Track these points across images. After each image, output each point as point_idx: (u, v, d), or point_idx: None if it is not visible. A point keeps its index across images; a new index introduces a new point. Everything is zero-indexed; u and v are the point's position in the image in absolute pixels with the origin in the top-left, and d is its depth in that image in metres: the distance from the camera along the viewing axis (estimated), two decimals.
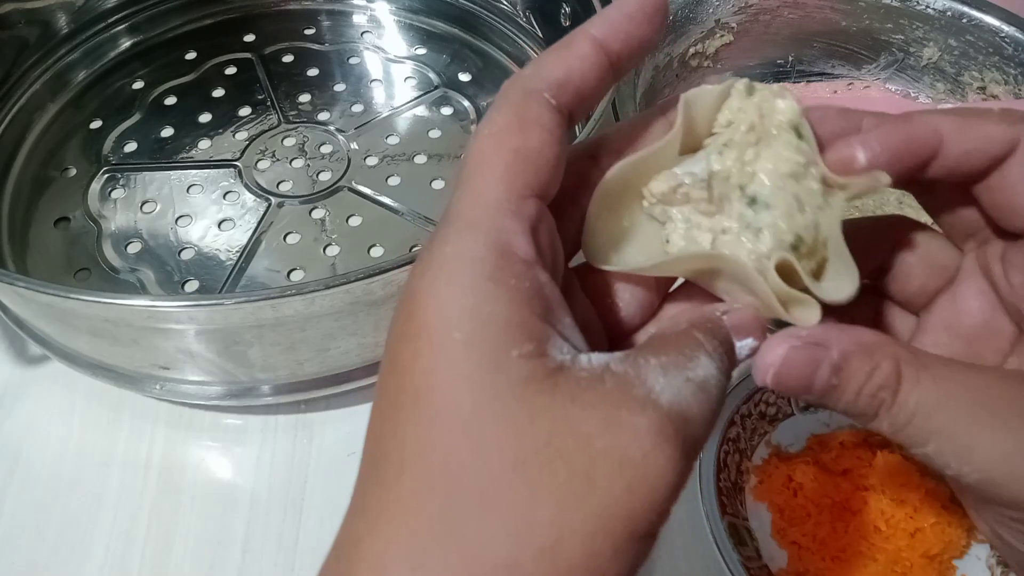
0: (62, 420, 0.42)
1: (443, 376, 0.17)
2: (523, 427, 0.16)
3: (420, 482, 0.16)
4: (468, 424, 0.16)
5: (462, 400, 0.16)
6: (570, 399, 0.17)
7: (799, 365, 0.19)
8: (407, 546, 0.16)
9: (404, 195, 0.48)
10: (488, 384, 0.16)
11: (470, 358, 0.17)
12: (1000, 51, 0.48)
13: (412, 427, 0.17)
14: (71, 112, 0.54)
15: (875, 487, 0.36)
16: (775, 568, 0.35)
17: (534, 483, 0.16)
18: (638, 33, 0.19)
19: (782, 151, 0.20)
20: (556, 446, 0.16)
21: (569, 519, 0.16)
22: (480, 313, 0.17)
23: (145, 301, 0.33)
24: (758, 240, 0.20)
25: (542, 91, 0.19)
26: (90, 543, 0.38)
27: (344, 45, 0.58)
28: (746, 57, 0.53)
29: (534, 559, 0.15)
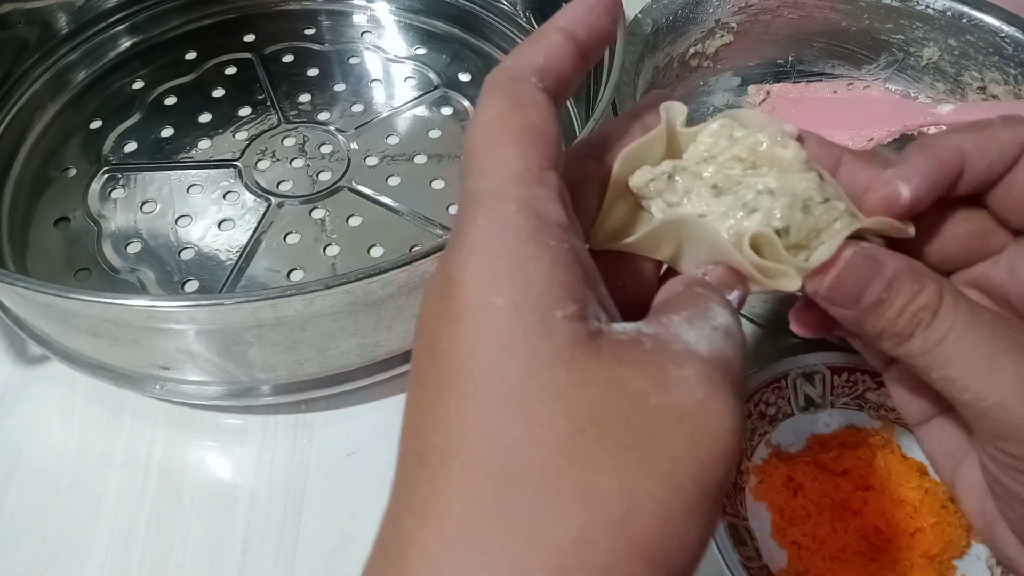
0: (62, 420, 0.42)
1: (486, 351, 0.16)
2: (575, 394, 0.15)
3: (470, 468, 0.15)
4: (517, 398, 0.15)
5: (508, 374, 0.16)
6: (616, 361, 0.16)
7: (858, 271, 0.20)
8: (464, 536, 0.15)
9: (404, 195, 0.48)
10: (534, 353, 0.16)
11: (513, 326, 0.16)
12: (1000, 51, 0.47)
13: (456, 412, 0.16)
14: (71, 112, 0.54)
15: (875, 487, 0.36)
16: (775, 568, 0.35)
17: (594, 452, 0.15)
18: (599, 23, 0.21)
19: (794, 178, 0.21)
20: (612, 409, 0.15)
21: (638, 484, 0.15)
22: (522, 276, 0.16)
23: (145, 301, 0.33)
24: (747, 218, 0.21)
25: (528, 76, 0.19)
26: (90, 543, 0.38)
27: (344, 45, 0.58)
28: (746, 57, 0.53)
29: (606, 533, 0.15)
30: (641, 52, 0.47)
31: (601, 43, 0.21)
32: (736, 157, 0.22)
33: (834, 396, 0.39)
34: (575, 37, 0.20)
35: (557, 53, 0.20)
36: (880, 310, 0.20)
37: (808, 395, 0.39)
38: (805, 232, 0.20)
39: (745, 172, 0.21)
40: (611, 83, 0.40)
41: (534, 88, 0.19)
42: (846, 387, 0.39)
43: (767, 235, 0.20)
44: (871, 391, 0.38)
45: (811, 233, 0.20)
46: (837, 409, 0.39)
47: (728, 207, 0.21)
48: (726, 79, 0.54)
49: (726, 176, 0.21)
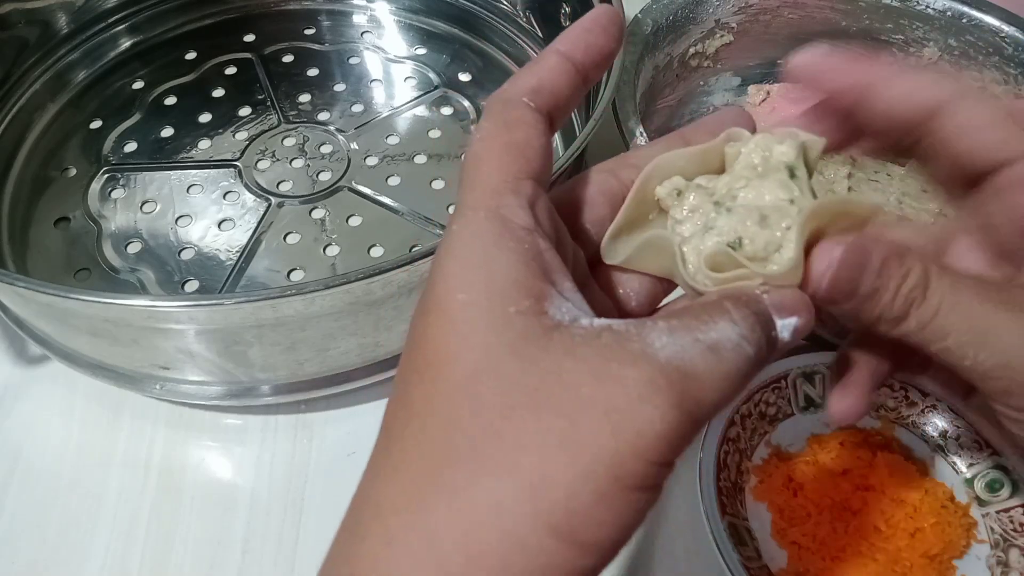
0: (62, 420, 0.42)
1: (449, 341, 0.18)
2: (515, 379, 0.17)
3: (421, 438, 0.18)
4: (467, 381, 0.18)
5: (465, 360, 0.18)
6: (563, 353, 0.18)
7: (852, 265, 0.21)
8: (401, 493, 0.18)
9: (404, 195, 0.48)
10: (486, 343, 0.18)
11: (472, 318, 0.18)
12: (1000, 51, 0.47)
13: (419, 393, 0.18)
14: (71, 112, 0.54)
15: (875, 487, 0.36)
16: (775, 568, 0.35)
17: (520, 430, 0.17)
18: (597, 43, 0.22)
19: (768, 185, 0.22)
20: (543, 394, 0.17)
21: (553, 462, 0.17)
22: (482, 274, 0.18)
23: (145, 301, 0.33)
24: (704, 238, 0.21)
25: (520, 97, 0.21)
26: (90, 543, 0.38)
27: (344, 45, 0.58)
28: (746, 57, 0.53)
29: (517, 501, 0.17)
30: (641, 52, 0.47)
31: (600, 61, 0.23)
32: (751, 167, 0.22)
33: None
34: (571, 58, 0.22)
35: (551, 74, 0.22)
36: (875, 298, 0.21)
37: (808, 395, 0.39)
38: (762, 243, 0.21)
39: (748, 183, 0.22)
40: (611, 83, 0.40)
41: (523, 108, 0.21)
42: None
43: (724, 252, 0.21)
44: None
45: (770, 244, 0.21)
46: None
47: (692, 229, 0.22)
48: (726, 79, 0.54)
49: (728, 191, 0.22)
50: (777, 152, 0.22)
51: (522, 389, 0.17)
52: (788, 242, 0.21)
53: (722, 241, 0.21)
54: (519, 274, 0.18)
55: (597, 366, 0.17)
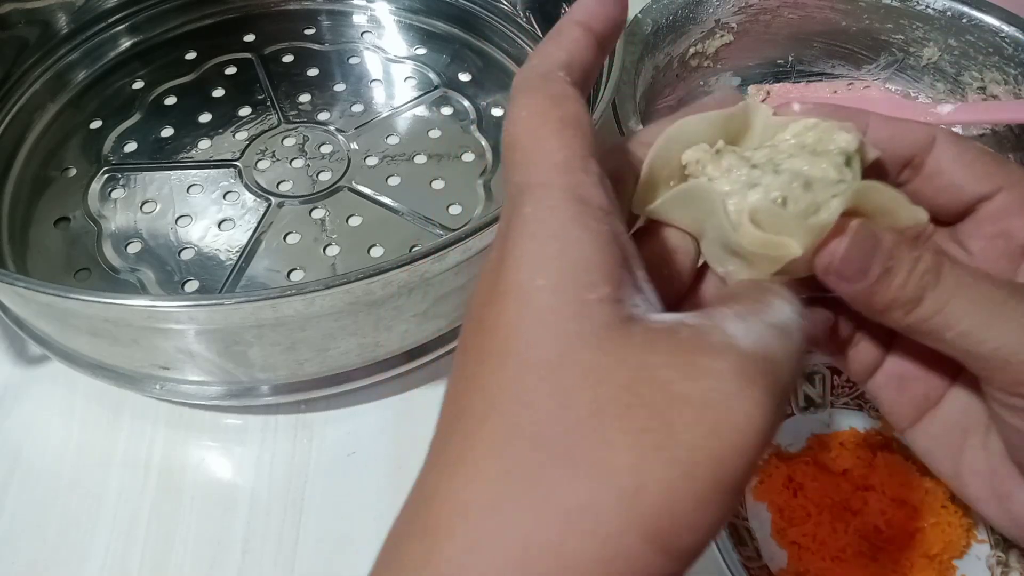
0: (62, 420, 0.42)
1: (527, 327, 0.17)
2: (602, 374, 0.16)
3: (501, 431, 0.17)
4: (550, 372, 0.17)
5: (546, 349, 0.17)
6: (647, 347, 0.17)
7: (864, 242, 0.20)
8: (486, 491, 0.16)
9: (404, 195, 0.48)
10: (570, 331, 0.17)
11: (552, 305, 0.17)
12: (1000, 51, 0.48)
13: (496, 380, 0.17)
14: (71, 112, 0.54)
15: (875, 487, 0.36)
16: (775, 568, 0.35)
17: (612, 430, 0.16)
18: (612, 13, 0.22)
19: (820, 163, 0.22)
20: (634, 392, 0.16)
21: (650, 465, 0.16)
22: (564, 258, 0.17)
23: (145, 301, 0.33)
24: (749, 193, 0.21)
25: (556, 72, 0.20)
26: (90, 543, 0.38)
27: (344, 45, 0.58)
28: (746, 57, 0.53)
29: (613, 503, 0.15)
30: (641, 52, 0.47)
31: (616, 31, 0.22)
32: (802, 145, 0.22)
33: (834, 396, 0.39)
34: (592, 29, 0.21)
35: (578, 47, 0.21)
36: (888, 279, 0.21)
37: (808, 395, 0.39)
38: (804, 204, 0.21)
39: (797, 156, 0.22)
40: (611, 83, 0.40)
41: (564, 83, 0.20)
42: (846, 387, 0.39)
43: (766, 207, 0.21)
44: None
45: (810, 207, 0.21)
46: (837, 409, 0.39)
47: (733, 184, 0.21)
48: (726, 79, 0.54)
49: (769, 161, 0.22)
50: (841, 139, 0.22)
51: (611, 385, 0.16)
52: (829, 207, 0.21)
53: (767, 197, 0.21)
54: (600, 258, 0.17)
55: (684, 361, 0.17)
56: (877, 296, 0.21)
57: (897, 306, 0.21)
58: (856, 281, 0.21)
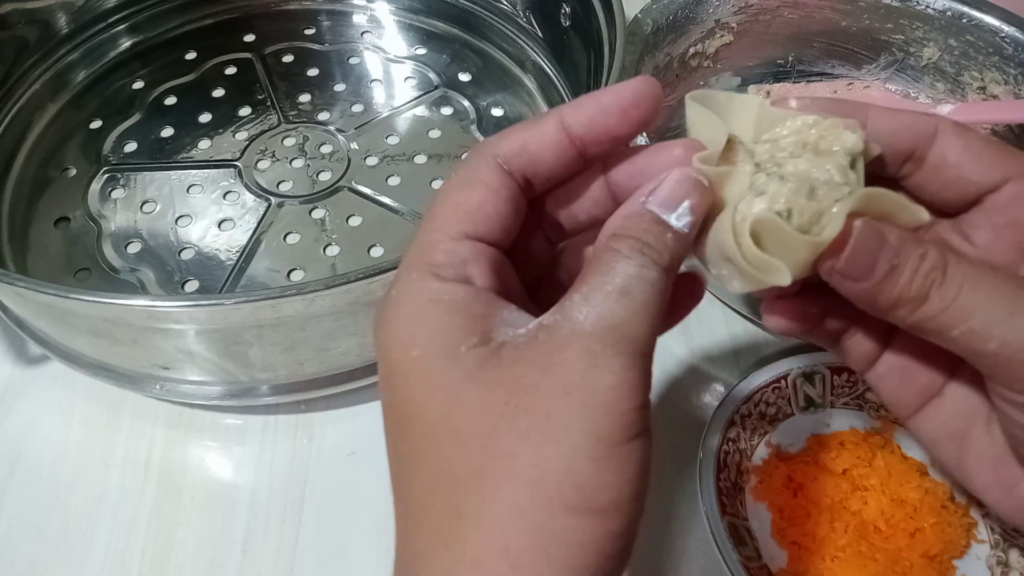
0: (62, 420, 0.42)
1: (416, 394, 0.20)
2: (485, 400, 0.19)
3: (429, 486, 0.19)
4: (443, 421, 0.19)
5: (433, 405, 0.19)
6: (516, 363, 0.19)
7: (869, 241, 0.21)
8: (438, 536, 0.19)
9: (404, 195, 0.48)
10: (449, 382, 0.19)
11: (431, 367, 0.19)
12: (1000, 51, 0.47)
13: (407, 448, 0.20)
14: (71, 112, 0.54)
15: (875, 487, 0.36)
16: (775, 568, 0.35)
17: (506, 442, 0.18)
18: (609, 124, 0.21)
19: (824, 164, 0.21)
20: (514, 404, 0.19)
21: (543, 453, 0.18)
22: (428, 329, 0.20)
23: (145, 301, 0.33)
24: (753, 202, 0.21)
25: (495, 156, 0.21)
26: (90, 543, 0.38)
27: (344, 45, 0.58)
28: (746, 57, 0.53)
29: (529, 498, 0.18)
30: (641, 52, 0.47)
31: (608, 144, 0.22)
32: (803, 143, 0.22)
33: (834, 396, 0.39)
34: (570, 130, 0.21)
35: (539, 142, 0.21)
36: (893, 278, 0.21)
37: (808, 395, 0.39)
38: (808, 215, 0.21)
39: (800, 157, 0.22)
40: (611, 83, 0.40)
41: (493, 168, 0.21)
42: (846, 387, 0.39)
43: (770, 220, 0.20)
44: (871, 391, 0.38)
45: (813, 217, 0.21)
46: (837, 409, 0.39)
47: (740, 188, 0.21)
48: (726, 79, 0.54)
49: (772, 158, 0.22)
50: (847, 139, 0.22)
51: (492, 408, 0.19)
52: (832, 218, 0.21)
53: (772, 208, 0.21)
54: (460, 319, 0.20)
55: (543, 362, 0.19)
56: (882, 295, 0.21)
57: (902, 304, 0.21)
58: (861, 280, 0.21)
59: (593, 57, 0.47)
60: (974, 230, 0.23)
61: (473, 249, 0.21)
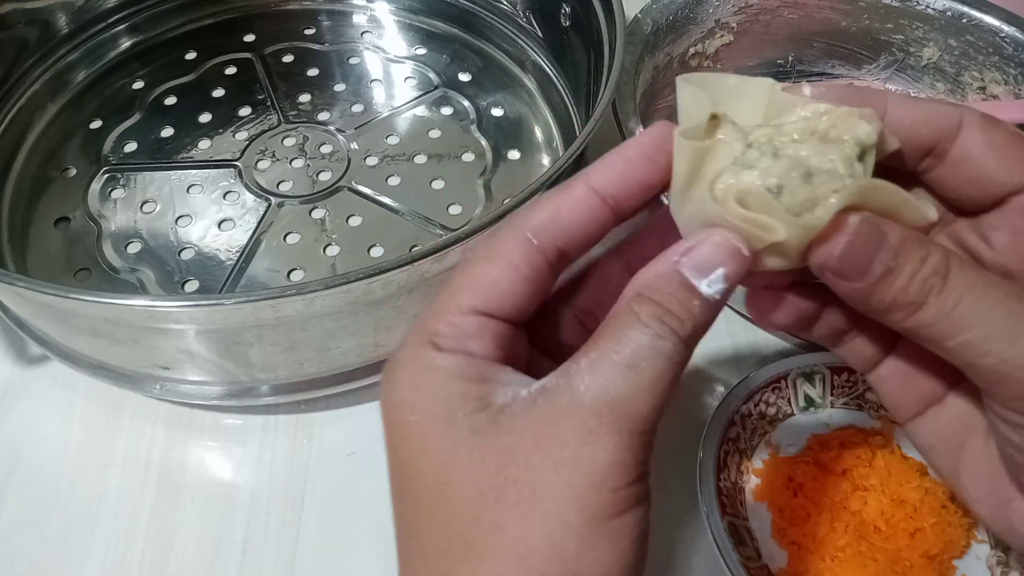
0: (62, 420, 0.42)
1: (414, 457, 0.20)
2: (476, 468, 0.19)
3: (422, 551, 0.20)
4: (436, 486, 0.19)
5: (429, 468, 0.19)
6: (508, 432, 0.19)
7: (866, 239, 0.20)
8: None
9: (404, 195, 0.48)
10: (444, 448, 0.19)
11: (428, 432, 0.20)
12: (1000, 51, 0.48)
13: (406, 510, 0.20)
14: (71, 112, 0.54)
15: (875, 487, 0.36)
16: (775, 568, 0.35)
17: (495, 513, 0.19)
18: (638, 176, 0.21)
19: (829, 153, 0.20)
20: (504, 474, 0.19)
21: (531, 528, 0.18)
22: (427, 394, 0.20)
23: (145, 301, 0.33)
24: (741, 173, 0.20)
25: (524, 230, 0.21)
26: (90, 543, 0.38)
27: (344, 45, 0.58)
28: (746, 57, 0.53)
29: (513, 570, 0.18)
30: (641, 52, 0.47)
31: (641, 196, 0.21)
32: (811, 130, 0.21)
33: (834, 396, 0.39)
34: (601, 193, 0.21)
35: (570, 209, 0.21)
36: (889, 280, 0.20)
37: (808, 395, 0.39)
38: (800, 197, 0.19)
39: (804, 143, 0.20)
40: (611, 83, 0.40)
41: (519, 242, 0.21)
42: (846, 387, 0.39)
43: (757, 193, 0.19)
44: (871, 391, 0.38)
45: (806, 203, 0.20)
46: (837, 409, 0.39)
47: (725, 161, 0.20)
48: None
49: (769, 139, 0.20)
50: (860, 129, 0.20)
51: (483, 476, 0.19)
52: (826, 206, 0.19)
53: (761, 182, 0.19)
54: (457, 387, 0.20)
55: (537, 432, 0.19)
56: (875, 297, 0.20)
57: (897, 308, 0.20)
58: (855, 280, 0.20)
59: (593, 57, 0.47)
60: (993, 232, 0.22)
61: (479, 324, 0.21)
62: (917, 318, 0.20)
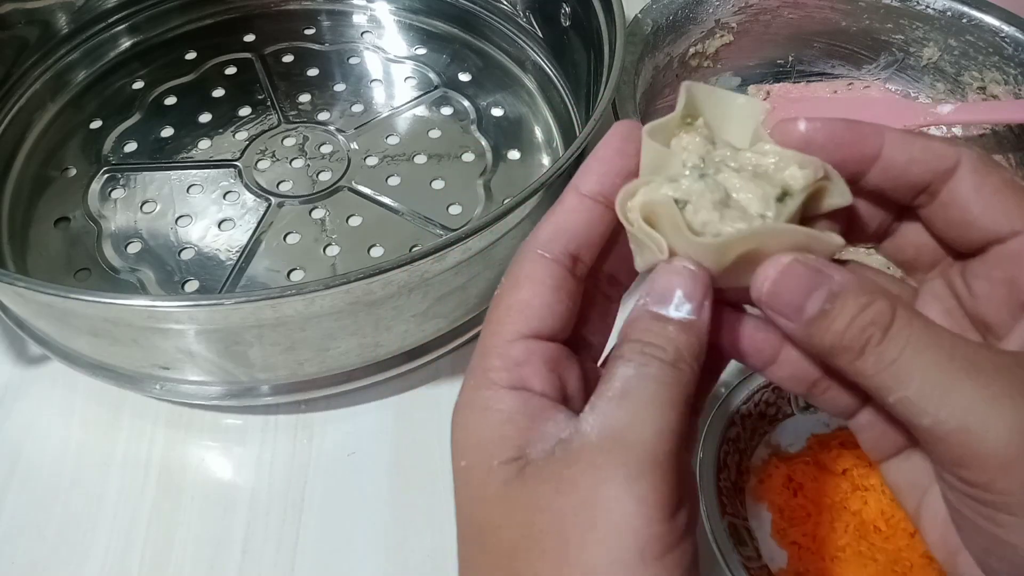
0: (62, 420, 0.42)
1: (463, 503, 0.21)
2: (508, 521, 0.19)
3: None
4: (479, 536, 0.20)
5: (472, 517, 0.20)
6: (538, 481, 0.19)
7: (798, 280, 0.20)
8: None
9: (404, 195, 0.48)
10: (483, 497, 0.20)
11: (472, 479, 0.20)
12: (1000, 51, 0.48)
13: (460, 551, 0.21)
14: (71, 112, 0.54)
15: (875, 487, 0.36)
16: (775, 568, 0.35)
17: (527, 563, 0.19)
18: (613, 169, 0.22)
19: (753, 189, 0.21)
20: (533, 524, 0.19)
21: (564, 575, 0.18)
22: (474, 439, 0.20)
23: (145, 301, 0.33)
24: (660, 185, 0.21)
25: (535, 249, 0.22)
26: (90, 543, 0.38)
27: (344, 45, 0.58)
28: (746, 57, 0.53)
29: None
30: (641, 52, 0.47)
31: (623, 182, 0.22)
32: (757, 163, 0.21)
33: None
34: (590, 193, 0.22)
35: (568, 218, 0.22)
36: (824, 323, 0.19)
37: None
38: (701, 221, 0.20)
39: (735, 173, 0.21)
40: (611, 83, 0.40)
41: (535, 261, 0.22)
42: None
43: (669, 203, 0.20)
44: None
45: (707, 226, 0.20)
46: None
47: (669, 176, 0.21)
48: (726, 79, 0.54)
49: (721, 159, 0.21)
50: (789, 174, 0.21)
51: (515, 528, 0.19)
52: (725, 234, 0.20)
53: (671, 195, 0.20)
54: (501, 432, 0.20)
55: (556, 480, 0.19)
56: (814, 338, 0.20)
57: (839, 352, 0.20)
58: (789, 319, 0.20)
59: (593, 57, 0.47)
60: (974, 279, 0.22)
61: (527, 349, 0.21)
62: (858, 366, 0.20)
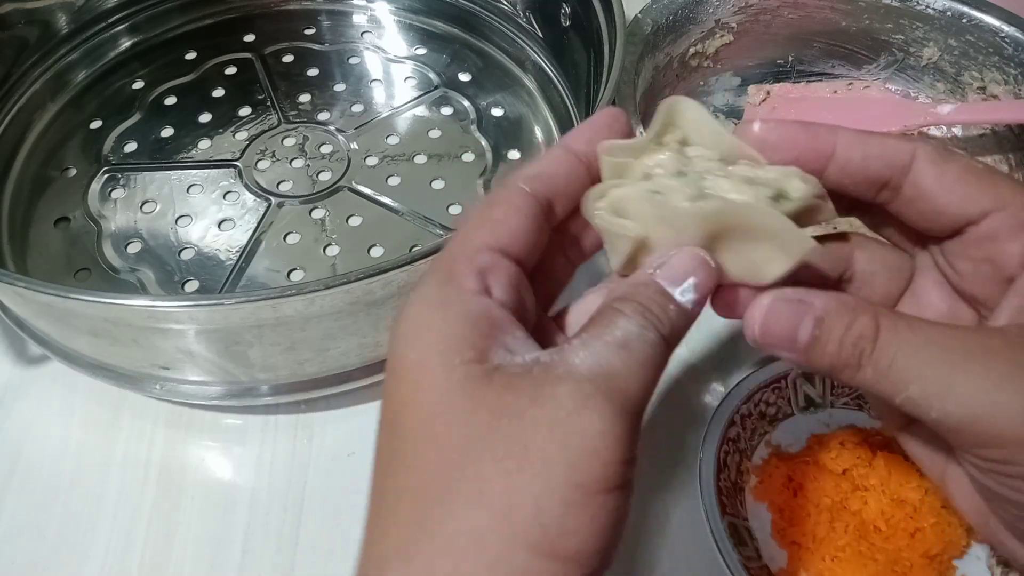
0: (62, 420, 0.42)
1: (406, 394, 0.20)
2: (467, 418, 0.19)
3: (398, 489, 0.20)
4: (424, 426, 0.19)
5: (419, 407, 0.20)
6: (503, 388, 0.19)
7: (782, 315, 0.21)
8: (396, 543, 0.19)
9: (404, 195, 0.48)
10: (438, 388, 0.19)
11: (424, 370, 0.20)
12: (1000, 51, 0.48)
13: (389, 446, 0.21)
14: (71, 112, 0.54)
15: (875, 487, 0.36)
16: (775, 568, 0.35)
17: (480, 461, 0.19)
18: (601, 136, 0.23)
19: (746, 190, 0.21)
20: (495, 426, 0.19)
21: (515, 484, 0.18)
22: (430, 332, 0.20)
23: (145, 301, 0.33)
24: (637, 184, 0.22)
25: (517, 182, 0.23)
26: (90, 543, 0.38)
27: (344, 45, 0.58)
28: (746, 57, 0.53)
29: (493, 526, 0.18)
30: (641, 52, 0.47)
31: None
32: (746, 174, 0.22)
33: (834, 396, 0.39)
34: (574, 149, 0.23)
35: (551, 164, 0.23)
36: (818, 347, 0.21)
37: (808, 395, 0.39)
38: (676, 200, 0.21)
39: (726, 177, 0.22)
40: (611, 83, 0.40)
41: (516, 191, 0.22)
42: (846, 387, 0.39)
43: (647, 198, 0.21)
44: None
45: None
46: (837, 409, 0.39)
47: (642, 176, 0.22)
48: (726, 79, 0.54)
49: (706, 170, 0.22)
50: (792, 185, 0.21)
51: (475, 424, 0.19)
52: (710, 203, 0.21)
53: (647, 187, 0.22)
54: (464, 331, 0.20)
55: (533, 393, 0.19)
56: (815, 361, 0.21)
57: (839, 368, 0.21)
58: (788, 351, 0.21)
59: (593, 57, 0.47)
60: (956, 259, 0.23)
61: (493, 259, 0.21)
62: (859, 378, 0.21)
